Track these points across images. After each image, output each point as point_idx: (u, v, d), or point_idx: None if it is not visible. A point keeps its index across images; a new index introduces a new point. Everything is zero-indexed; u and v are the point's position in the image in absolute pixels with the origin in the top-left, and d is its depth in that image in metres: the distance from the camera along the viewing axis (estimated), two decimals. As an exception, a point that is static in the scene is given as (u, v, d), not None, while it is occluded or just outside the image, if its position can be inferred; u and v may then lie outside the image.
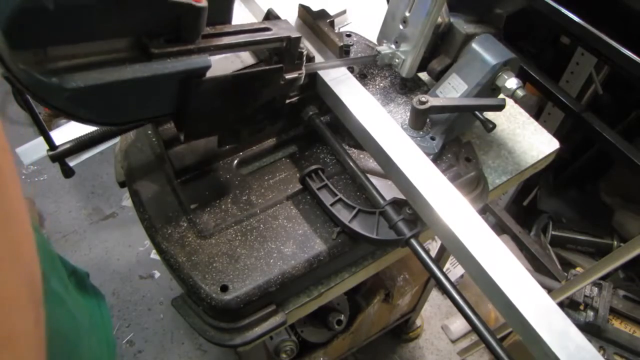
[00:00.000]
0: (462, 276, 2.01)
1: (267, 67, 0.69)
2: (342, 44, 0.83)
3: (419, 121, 0.84)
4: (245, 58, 0.81)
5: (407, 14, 0.82)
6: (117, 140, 0.87)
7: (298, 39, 0.69)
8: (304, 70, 0.74)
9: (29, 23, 0.48)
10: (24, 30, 0.48)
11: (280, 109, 0.80)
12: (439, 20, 0.81)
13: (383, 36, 0.89)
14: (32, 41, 0.50)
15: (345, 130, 0.82)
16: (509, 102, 1.03)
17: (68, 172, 0.77)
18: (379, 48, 0.86)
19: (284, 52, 0.70)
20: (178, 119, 0.69)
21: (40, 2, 0.47)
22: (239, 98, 0.72)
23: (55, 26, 0.50)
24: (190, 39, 0.60)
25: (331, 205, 0.74)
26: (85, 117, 0.57)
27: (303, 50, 0.72)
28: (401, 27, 0.84)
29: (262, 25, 0.69)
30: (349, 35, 1.03)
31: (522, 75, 0.83)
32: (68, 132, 0.94)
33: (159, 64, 0.57)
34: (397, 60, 0.87)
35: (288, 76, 0.72)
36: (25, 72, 0.50)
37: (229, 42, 0.64)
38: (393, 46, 0.87)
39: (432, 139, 0.84)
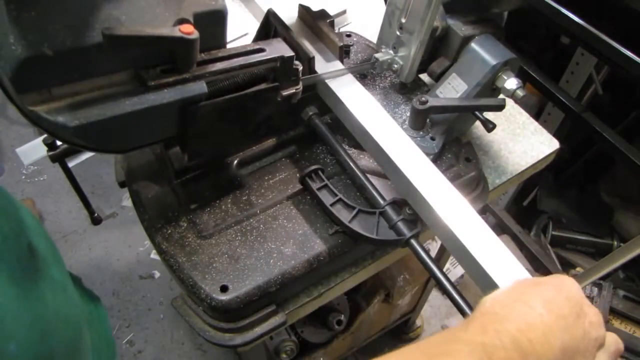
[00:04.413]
0: (462, 276, 2.01)
1: (262, 87, 0.71)
2: (341, 44, 0.83)
3: (419, 121, 0.84)
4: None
5: (403, 20, 0.82)
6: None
7: (291, 58, 0.71)
8: (300, 86, 0.75)
9: (32, 69, 0.52)
10: (28, 76, 0.52)
11: (282, 122, 0.82)
12: (436, 24, 0.81)
13: (381, 42, 0.89)
14: (36, 84, 0.53)
15: (345, 130, 0.82)
16: (509, 102, 1.03)
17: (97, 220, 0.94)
18: (376, 55, 0.87)
19: (279, 70, 0.71)
20: (181, 141, 0.72)
21: (40, 50, 0.51)
22: (238, 118, 0.74)
23: (56, 69, 0.54)
24: (185, 68, 0.62)
25: (331, 205, 0.74)
26: (93, 148, 0.61)
27: (298, 67, 0.73)
28: (398, 33, 0.84)
29: (256, 47, 0.70)
30: (349, 36, 1.03)
31: (522, 75, 0.83)
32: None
33: (156, 94, 0.60)
34: (396, 66, 0.87)
35: (285, 93, 0.74)
36: (33, 112, 0.53)
37: (223, 67, 0.66)
38: (391, 51, 0.87)
39: (432, 139, 0.84)
